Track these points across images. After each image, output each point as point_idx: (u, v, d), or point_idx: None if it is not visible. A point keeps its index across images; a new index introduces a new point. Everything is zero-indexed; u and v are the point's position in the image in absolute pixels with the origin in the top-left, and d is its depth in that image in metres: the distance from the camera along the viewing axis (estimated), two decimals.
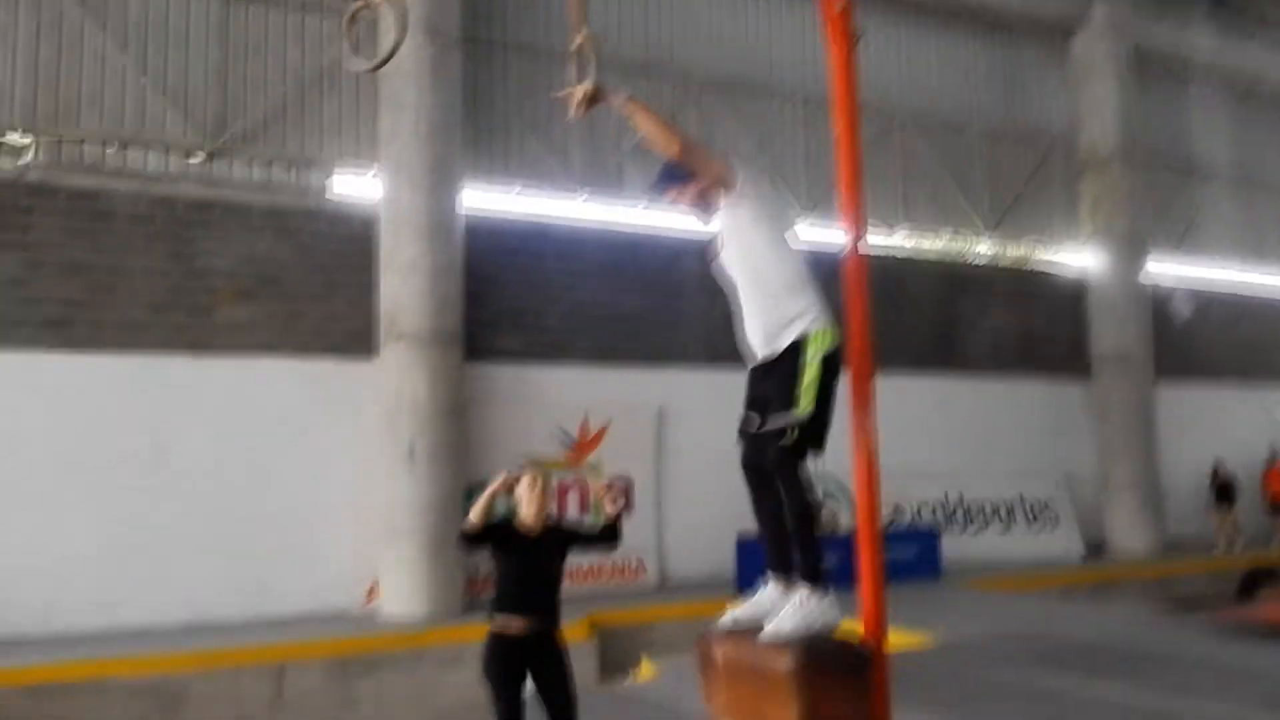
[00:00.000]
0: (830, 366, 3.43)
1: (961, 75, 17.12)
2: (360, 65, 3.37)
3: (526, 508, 4.77)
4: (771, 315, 3.47)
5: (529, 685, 4.69)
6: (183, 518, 10.78)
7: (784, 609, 3.30)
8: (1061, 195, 17.66)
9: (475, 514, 4.70)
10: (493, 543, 4.72)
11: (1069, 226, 17.55)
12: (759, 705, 3.22)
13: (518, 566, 4.66)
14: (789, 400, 3.35)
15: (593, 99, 3.60)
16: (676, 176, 3.64)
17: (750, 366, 3.64)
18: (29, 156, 10.75)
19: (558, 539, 4.83)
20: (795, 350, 3.42)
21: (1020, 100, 17.68)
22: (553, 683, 4.64)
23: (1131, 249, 16.94)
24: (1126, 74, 17.20)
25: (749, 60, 15.08)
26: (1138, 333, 16.64)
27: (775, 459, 3.35)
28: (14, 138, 10.70)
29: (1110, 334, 16.72)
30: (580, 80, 3.54)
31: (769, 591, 3.43)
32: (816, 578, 3.35)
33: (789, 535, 3.43)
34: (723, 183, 3.59)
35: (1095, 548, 16.34)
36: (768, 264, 3.53)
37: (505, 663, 4.58)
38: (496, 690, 4.61)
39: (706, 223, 3.79)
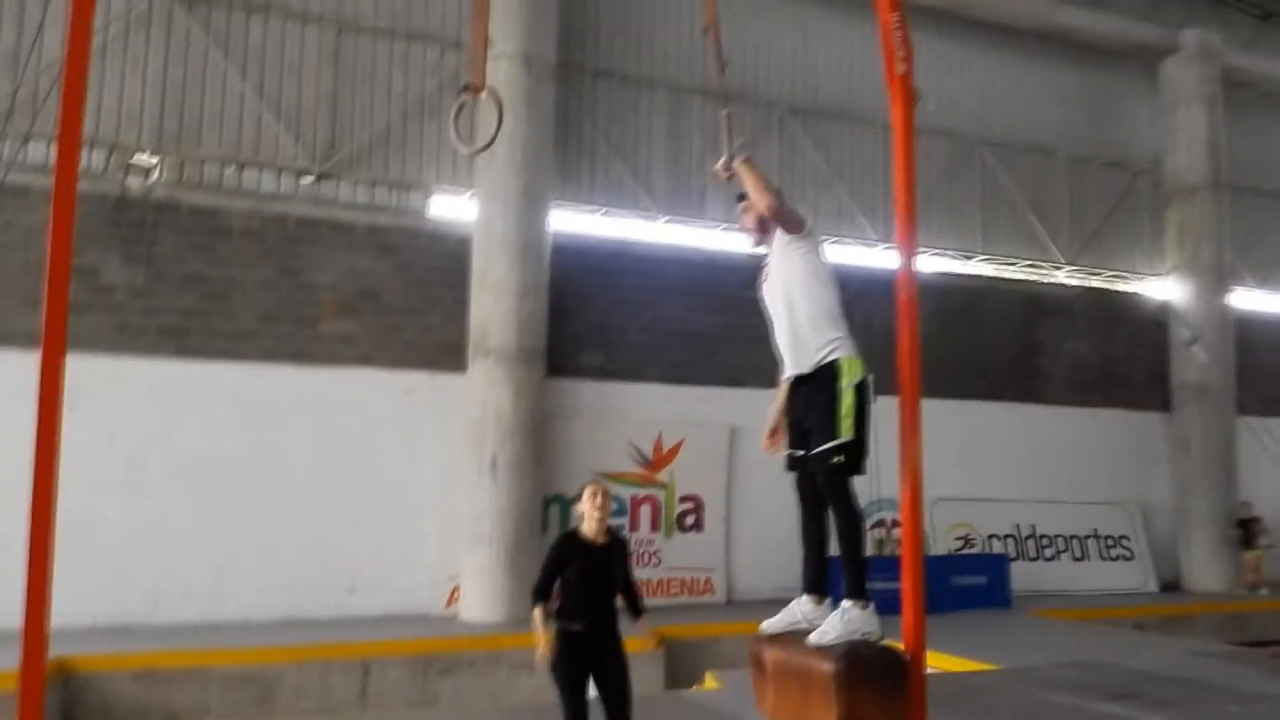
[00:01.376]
0: (862, 394, 3.83)
1: (1051, 100, 17.17)
2: (466, 149, 3.91)
3: (588, 522, 5.19)
4: (810, 340, 3.89)
5: (591, 687, 5.11)
6: (281, 518, 11.50)
7: (829, 618, 3.68)
8: (1147, 223, 17.55)
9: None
10: (560, 558, 5.14)
11: (1154, 255, 17.42)
12: (803, 707, 3.58)
13: (582, 574, 5.07)
14: (832, 427, 3.75)
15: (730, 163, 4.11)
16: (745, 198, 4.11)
17: (791, 389, 4.11)
18: (155, 175, 11.63)
19: (619, 551, 5.24)
20: (830, 374, 3.81)
21: (1108, 127, 17.65)
22: (611, 678, 5.05)
23: (1216, 279, 16.74)
24: (1216, 100, 17.03)
25: (830, 86, 15.42)
26: (1220, 364, 16.42)
27: (825, 481, 3.74)
28: (142, 158, 11.58)
29: (1192, 365, 16.54)
30: (730, 147, 4.09)
31: (802, 604, 3.82)
32: (861, 591, 3.73)
33: (826, 556, 3.82)
34: (794, 227, 4.01)
35: (1170, 584, 16.17)
36: (813, 295, 3.94)
37: (569, 659, 5.01)
38: (562, 686, 5.05)
39: (756, 245, 4.33)
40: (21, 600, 3.19)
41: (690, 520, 13.59)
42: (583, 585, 5.06)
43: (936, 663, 4.36)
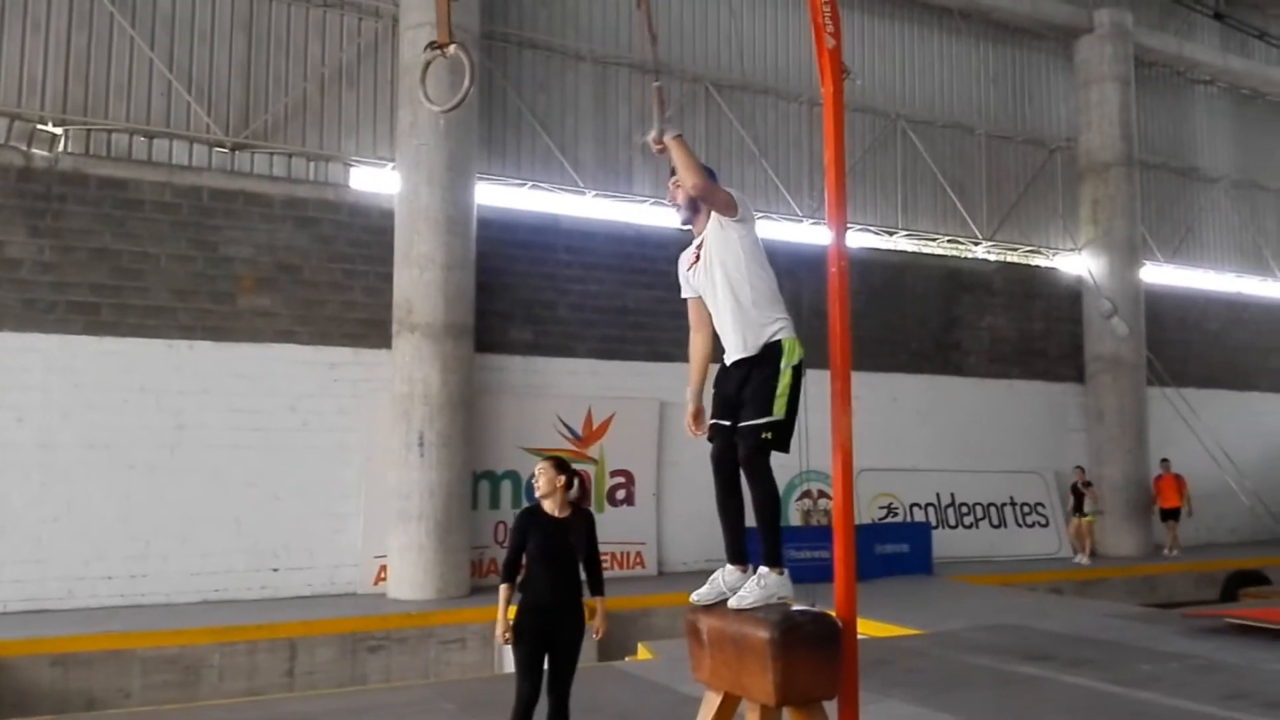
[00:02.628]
0: (798, 376, 3.87)
1: (970, 78, 17.50)
2: (435, 108, 3.81)
3: (544, 499, 5.21)
4: (752, 321, 3.89)
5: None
6: (202, 497, 11.22)
7: (747, 583, 3.75)
8: (1062, 199, 18.02)
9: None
10: (521, 531, 5.15)
11: (1069, 230, 17.90)
12: (739, 673, 3.61)
13: (543, 547, 5.09)
14: (767, 404, 3.77)
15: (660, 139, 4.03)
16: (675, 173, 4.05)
17: (722, 367, 4.04)
18: (60, 146, 11.16)
19: (582, 523, 5.24)
20: (773, 354, 3.84)
21: (1026, 104, 18.06)
22: (565, 651, 5.08)
23: (1129, 253, 17.28)
24: (1129, 79, 17.52)
25: (756, 62, 15.45)
26: (1131, 336, 16.97)
27: (749, 454, 3.78)
28: (46, 128, 11.09)
29: (1106, 337, 17.06)
30: (661, 121, 3.99)
31: (727, 574, 3.86)
32: (777, 559, 3.79)
33: (745, 527, 3.88)
34: (726, 209, 3.99)
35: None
36: (755, 277, 3.95)
37: (530, 632, 5.02)
38: (519, 658, 5.06)
39: (684, 223, 4.27)
40: None
41: (621, 495, 13.63)
42: (543, 558, 5.10)
43: (863, 629, 4.46)
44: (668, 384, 13.92)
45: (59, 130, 11.19)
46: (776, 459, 3.87)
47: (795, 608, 3.66)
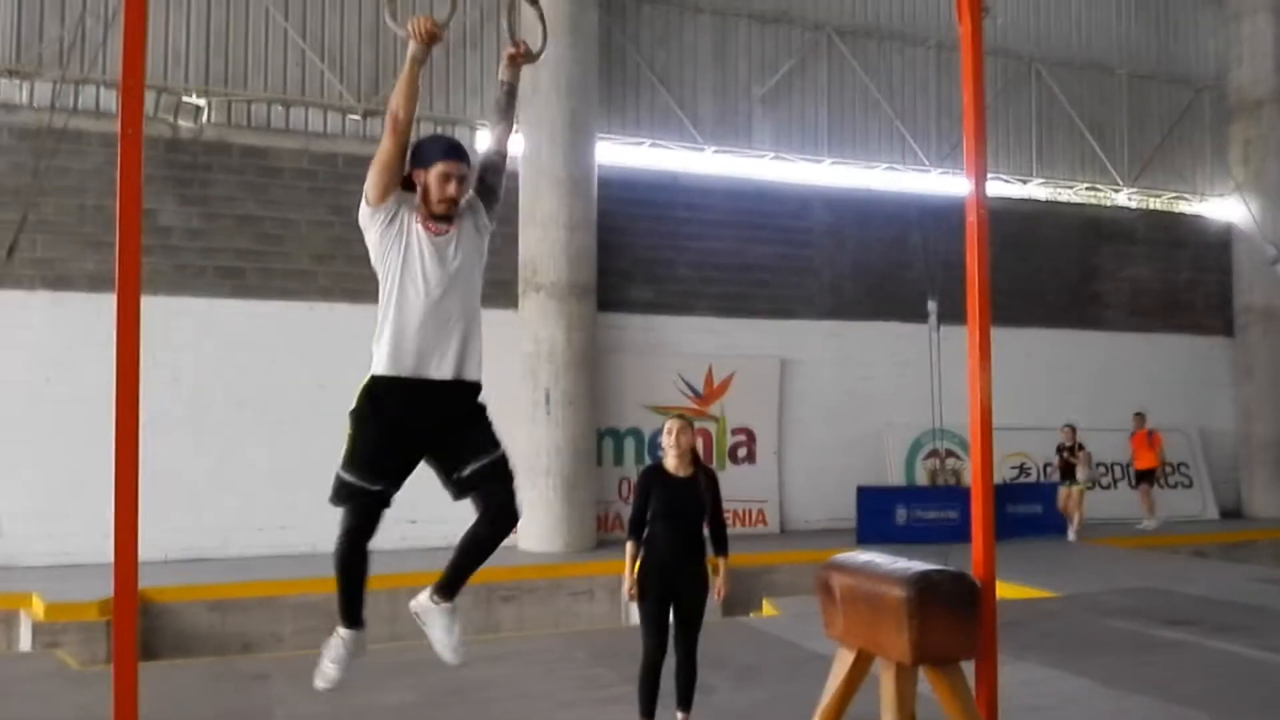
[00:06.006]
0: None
1: (1109, 14, 16.60)
2: (401, 31, 3.60)
3: (668, 457, 5.24)
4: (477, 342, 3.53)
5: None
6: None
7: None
8: (1209, 141, 16.99)
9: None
10: (644, 489, 5.22)
11: (1216, 174, 16.89)
12: (874, 631, 3.60)
13: (665, 505, 5.15)
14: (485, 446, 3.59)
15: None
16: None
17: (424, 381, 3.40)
18: (205, 117, 11.68)
19: (706, 483, 5.26)
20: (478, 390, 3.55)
21: (1169, 41, 17.04)
22: (690, 607, 5.14)
23: None
24: None
25: (881, 5, 14.98)
26: None
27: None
28: (191, 100, 11.62)
29: (1257, 287, 16.09)
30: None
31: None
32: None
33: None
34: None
35: (1230, 511, 15.96)
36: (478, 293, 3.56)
37: (654, 587, 5.11)
38: (645, 615, 5.14)
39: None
40: (102, 535, 3.28)
41: (742, 453, 13.64)
42: (665, 516, 5.14)
43: (998, 590, 4.36)
44: (789, 341, 13.82)
45: (202, 102, 11.70)
46: (906, 413, 3.77)
47: (931, 566, 3.62)
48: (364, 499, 3.47)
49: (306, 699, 5.82)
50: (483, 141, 12.77)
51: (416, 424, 3.37)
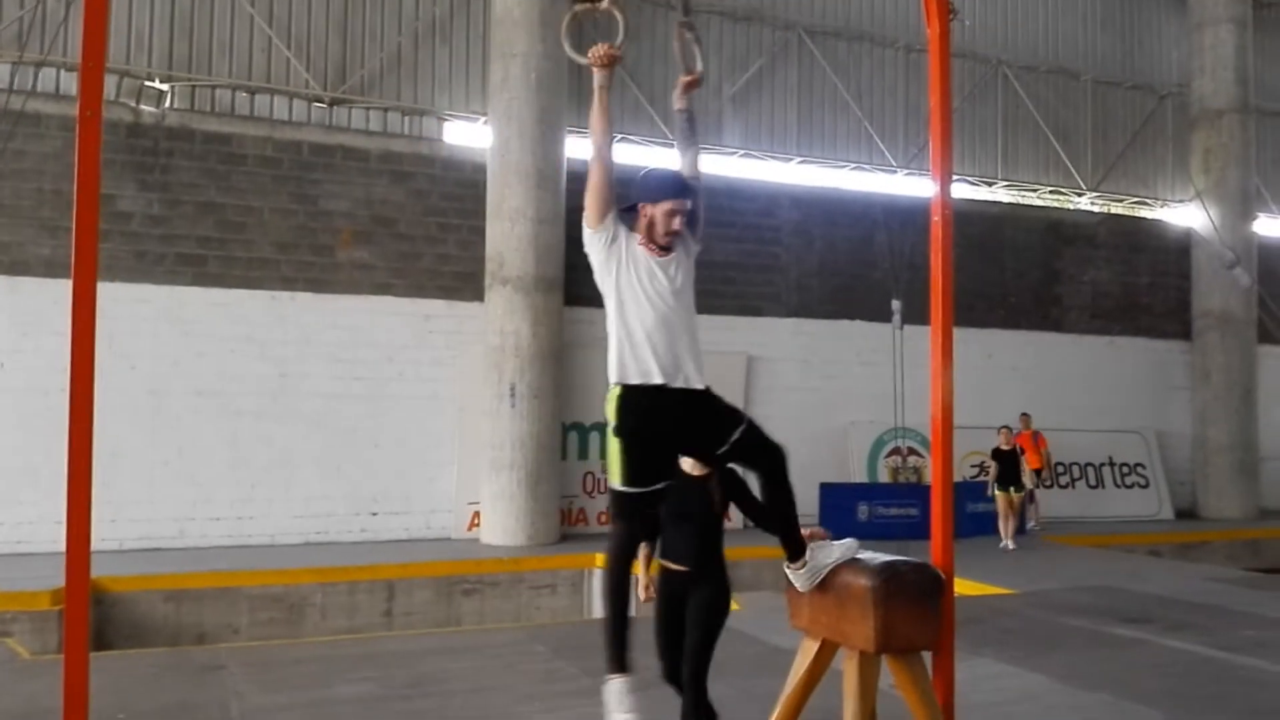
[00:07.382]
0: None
1: (1076, 21, 16.80)
2: (581, 60, 3.79)
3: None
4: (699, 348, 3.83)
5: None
6: (303, 443, 11.62)
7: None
8: (1171, 148, 17.26)
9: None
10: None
11: (1178, 181, 17.15)
12: (839, 621, 3.62)
13: (677, 507, 4.95)
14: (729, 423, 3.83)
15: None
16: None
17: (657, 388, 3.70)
18: (167, 102, 11.50)
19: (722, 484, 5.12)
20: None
21: (1134, 48, 17.29)
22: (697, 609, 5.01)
23: (1242, 205, 16.48)
24: (1245, 21, 16.57)
25: (851, 7, 15.06)
26: (1243, 292, 16.25)
27: (773, 463, 3.86)
28: (153, 84, 11.44)
29: (1215, 293, 16.37)
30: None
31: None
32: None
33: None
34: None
35: (1185, 512, 16.23)
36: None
37: (667, 597, 4.95)
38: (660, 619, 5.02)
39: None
40: (55, 523, 3.22)
41: None
42: (679, 518, 5.03)
43: (955, 587, 4.41)
44: (756, 338, 13.85)
45: (165, 87, 11.53)
46: (870, 411, 3.82)
47: (898, 557, 3.64)
48: (642, 504, 3.79)
49: (262, 690, 5.75)
50: (449, 133, 12.73)
51: (669, 422, 3.72)
